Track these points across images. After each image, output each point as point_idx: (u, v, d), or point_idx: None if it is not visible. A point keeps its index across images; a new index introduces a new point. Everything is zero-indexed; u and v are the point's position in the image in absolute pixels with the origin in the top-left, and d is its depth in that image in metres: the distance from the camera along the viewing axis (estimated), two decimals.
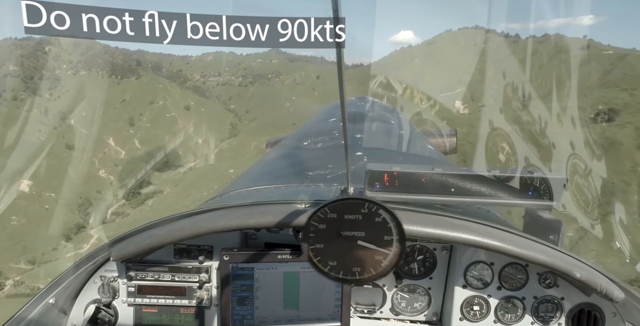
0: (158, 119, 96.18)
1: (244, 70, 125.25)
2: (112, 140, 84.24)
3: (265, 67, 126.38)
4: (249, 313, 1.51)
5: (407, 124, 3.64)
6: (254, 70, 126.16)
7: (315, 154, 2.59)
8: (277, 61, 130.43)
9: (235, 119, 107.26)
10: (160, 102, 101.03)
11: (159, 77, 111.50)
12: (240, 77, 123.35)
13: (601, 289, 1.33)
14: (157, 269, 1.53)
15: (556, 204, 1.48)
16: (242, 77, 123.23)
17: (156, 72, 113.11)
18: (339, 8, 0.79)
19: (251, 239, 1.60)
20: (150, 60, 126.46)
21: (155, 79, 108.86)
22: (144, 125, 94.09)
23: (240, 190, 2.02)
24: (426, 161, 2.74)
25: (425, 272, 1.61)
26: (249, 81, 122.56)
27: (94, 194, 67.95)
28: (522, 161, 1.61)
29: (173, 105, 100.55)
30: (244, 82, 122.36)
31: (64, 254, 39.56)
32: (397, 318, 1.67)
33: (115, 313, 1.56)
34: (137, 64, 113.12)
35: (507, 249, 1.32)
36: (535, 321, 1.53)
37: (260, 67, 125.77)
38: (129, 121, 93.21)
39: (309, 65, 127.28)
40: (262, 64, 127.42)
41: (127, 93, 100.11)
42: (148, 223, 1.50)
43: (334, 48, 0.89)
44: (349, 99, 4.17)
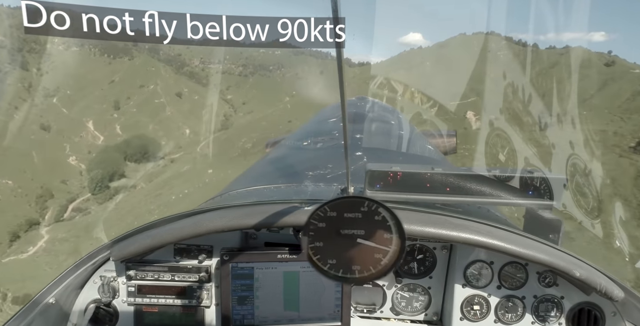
0: (145, 105, 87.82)
1: (245, 59, 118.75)
2: (91, 123, 75.35)
3: (268, 58, 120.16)
4: (249, 313, 1.51)
5: (407, 124, 3.64)
6: (255, 60, 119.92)
7: (315, 154, 2.60)
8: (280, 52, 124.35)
9: (231, 110, 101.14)
10: (151, 87, 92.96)
11: (153, 60, 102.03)
12: (240, 67, 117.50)
13: (601, 288, 1.33)
14: (157, 269, 1.53)
15: (556, 204, 1.48)
16: (242, 67, 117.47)
17: (152, 55, 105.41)
18: (338, 8, 0.79)
19: (251, 239, 1.60)
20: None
21: (149, 62, 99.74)
22: (129, 110, 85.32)
23: (240, 190, 2.02)
24: (426, 161, 2.74)
25: (425, 271, 1.61)
26: (249, 71, 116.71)
27: (58, 184, 59.01)
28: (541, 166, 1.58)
29: (164, 90, 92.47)
30: (244, 72, 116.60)
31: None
32: (398, 318, 1.67)
33: (115, 312, 1.56)
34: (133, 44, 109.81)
35: (507, 248, 1.33)
36: (536, 321, 1.53)
37: (263, 57, 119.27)
38: (114, 104, 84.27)
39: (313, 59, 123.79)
40: (264, 55, 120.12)
41: (118, 74, 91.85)
42: (148, 222, 1.50)
43: (334, 48, 0.89)
44: (350, 100, 4.17)
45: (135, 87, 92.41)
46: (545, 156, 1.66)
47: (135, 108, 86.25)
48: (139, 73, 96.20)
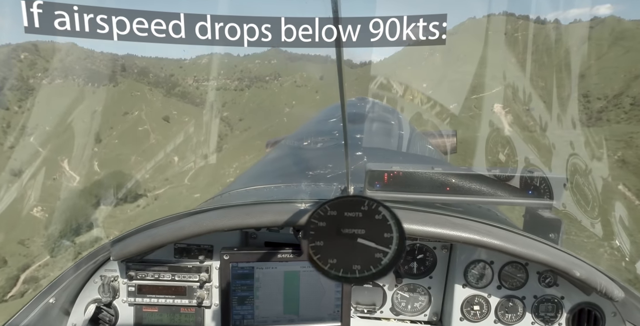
0: (129, 134, 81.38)
1: (241, 72, 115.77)
2: (67, 163, 62.36)
3: (264, 69, 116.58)
4: (249, 313, 1.51)
5: (407, 124, 3.65)
6: (250, 72, 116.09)
7: (315, 154, 2.60)
8: (276, 61, 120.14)
9: (227, 128, 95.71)
10: (135, 113, 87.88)
11: (139, 84, 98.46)
12: (236, 81, 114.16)
13: (601, 288, 1.33)
14: (157, 269, 1.53)
15: (556, 203, 1.48)
16: (238, 81, 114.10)
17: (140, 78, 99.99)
18: (338, 8, 0.79)
19: (251, 239, 1.60)
20: (139, 65, 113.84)
21: (134, 86, 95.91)
22: (111, 142, 78.95)
23: (240, 189, 2.02)
24: (426, 161, 2.74)
25: (425, 271, 1.61)
26: (245, 85, 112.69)
27: (14, 246, 44.56)
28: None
29: (149, 116, 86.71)
30: (239, 86, 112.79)
31: None
32: (398, 318, 1.67)
33: (115, 312, 1.56)
34: (122, 70, 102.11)
35: (507, 248, 1.33)
36: (536, 321, 1.53)
37: (259, 68, 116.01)
38: (95, 137, 74.01)
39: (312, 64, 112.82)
40: (260, 65, 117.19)
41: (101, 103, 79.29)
42: (148, 222, 1.50)
43: (334, 47, 0.90)
44: (350, 100, 4.18)
45: (119, 116, 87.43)
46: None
47: (118, 139, 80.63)
48: (123, 100, 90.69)
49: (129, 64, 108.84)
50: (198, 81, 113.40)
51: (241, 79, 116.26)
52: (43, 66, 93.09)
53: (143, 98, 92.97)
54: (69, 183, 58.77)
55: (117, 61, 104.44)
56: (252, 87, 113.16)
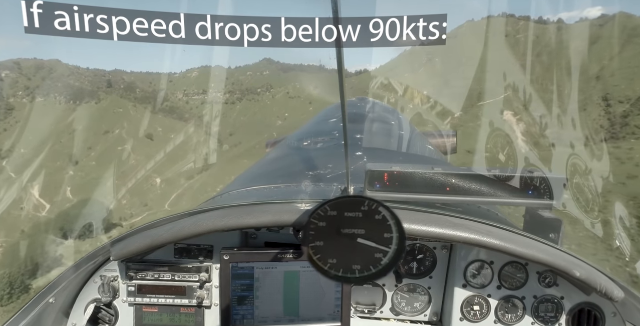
0: (108, 154, 73.20)
1: (232, 85, 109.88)
2: (37, 189, 52.40)
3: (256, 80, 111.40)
4: (249, 313, 1.51)
5: (407, 124, 3.65)
6: (242, 84, 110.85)
7: (315, 154, 2.60)
8: (268, 72, 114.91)
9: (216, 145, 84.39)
10: (116, 131, 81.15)
11: (122, 100, 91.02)
12: (227, 94, 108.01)
13: (601, 288, 1.33)
14: (157, 269, 1.53)
15: (556, 203, 1.48)
16: (229, 94, 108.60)
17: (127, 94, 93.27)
18: (338, 8, 0.79)
19: (251, 239, 1.60)
20: (127, 80, 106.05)
21: (117, 103, 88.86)
22: (88, 163, 70.91)
23: (240, 190, 2.02)
24: (426, 161, 2.74)
25: (425, 271, 1.61)
26: (236, 97, 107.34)
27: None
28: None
29: (130, 134, 79.19)
30: (230, 99, 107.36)
31: None
32: (398, 318, 1.67)
33: (115, 312, 1.57)
34: (107, 86, 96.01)
35: (507, 247, 1.33)
36: (536, 321, 1.53)
37: (250, 80, 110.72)
38: (71, 158, 68.12)
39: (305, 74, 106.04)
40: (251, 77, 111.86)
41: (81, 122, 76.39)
42: (148, 222, 1.50)
43: (334, 47, 0.90)
44: (350, 100, 4.18)
45: (99, 134, 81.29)
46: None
47: (95, 160, 73.02)
48: (104, 117, 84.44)
49: (116, 80, 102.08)
50: (188, 94, 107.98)
51: (232, 91, 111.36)
52: (24, 84, 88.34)
53: (125, 115, 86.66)
54: (37, 212, 51.11)
55: (103, 76, 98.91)
56: (243, 99, 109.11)
